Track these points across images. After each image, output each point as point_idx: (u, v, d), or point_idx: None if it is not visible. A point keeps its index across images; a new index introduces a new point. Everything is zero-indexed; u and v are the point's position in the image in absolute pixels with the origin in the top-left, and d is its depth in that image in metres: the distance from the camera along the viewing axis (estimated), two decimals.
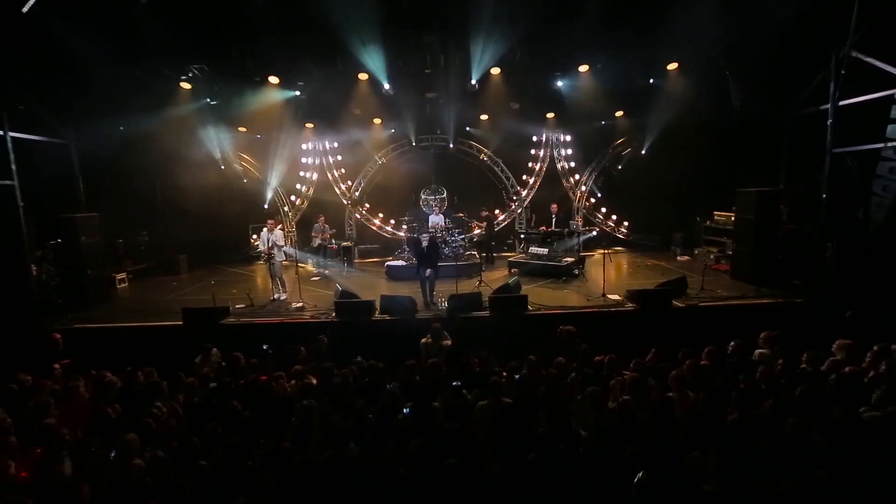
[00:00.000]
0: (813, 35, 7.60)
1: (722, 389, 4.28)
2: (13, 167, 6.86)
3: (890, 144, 6.02)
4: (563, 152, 12.60)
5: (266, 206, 12.33)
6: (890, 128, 6.13)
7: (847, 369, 4.60)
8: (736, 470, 3.00)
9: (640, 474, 3.05)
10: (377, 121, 11.73)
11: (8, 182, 6.80)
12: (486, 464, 3.39)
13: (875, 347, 5.04)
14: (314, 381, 4.83)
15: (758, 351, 5.20)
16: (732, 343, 5.28)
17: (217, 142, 11.29)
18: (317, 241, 10.93)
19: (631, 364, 5.00)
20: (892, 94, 6.13)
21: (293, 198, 12.74)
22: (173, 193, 11.85)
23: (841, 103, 6.95)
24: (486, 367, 5.22)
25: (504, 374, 4.87)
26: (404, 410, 4.11)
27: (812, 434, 3.52)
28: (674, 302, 7.02)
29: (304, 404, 4.19)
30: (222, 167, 12.03)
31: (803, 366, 5.02)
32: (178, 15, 7.11)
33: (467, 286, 8.18)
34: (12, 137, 7.46)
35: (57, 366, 5.36)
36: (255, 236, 12.83)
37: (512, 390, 4.58)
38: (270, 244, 8.00)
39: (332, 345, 5.92)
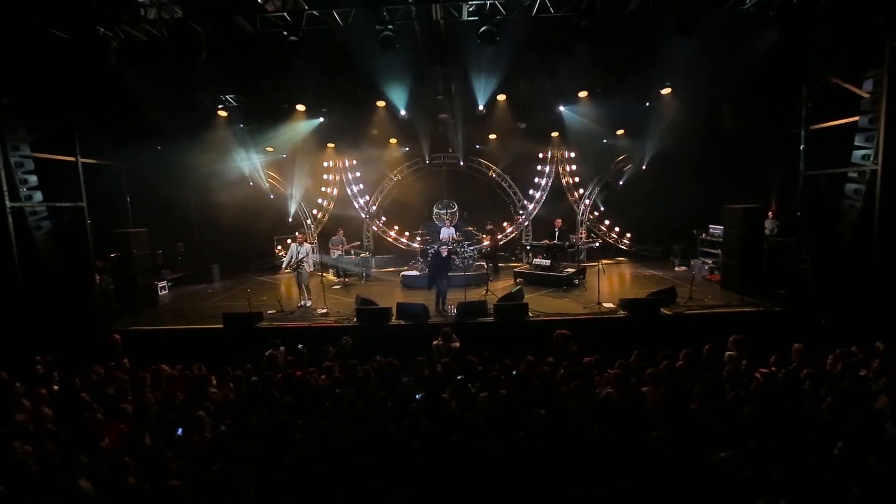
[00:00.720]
0: (796, 62, 8.26)
1: (688, 384, 4.99)
2: (83, 190, 7.92)
3: (853, 171, 6.66)
4: (567, 168, 13.38)
5: (291, 220, 13.34)
6: (855, 153, 6.79)
7: (804, 371, 5.27)
8: (682, 444, 3.74)
9: None
10: (393, 141, 12.70)
11: (79, 203, 7.86)
12: (483, 440, 4.17)
13: (837, 351, 5.72)
14: (341, 376, 5.67)
15: (727, 353, 5.87)
16: (707, 346, 5.96)
17: (247, 161, 12.37)
18: (336, 254, 11.87)
19: (616, 364, 5.73)
20: (857, 121, 6.77)
21: (315, 211, 13.74)
22: (206, 208, 12.97)
23: (813, 127, 7.60)
24: (487, 365, 5.99)
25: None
26: (416, 396, 4.92)
27: (761, 421, 4.22)
28: (662, 310, 7.70)
29: (336, 393, 5.03)
30: (251, 184, 13.10)
31: (772, 367, 5.70)
32: (221, 56, 8.16)
33: (475, 294, 8.96)
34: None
35: (125, 360, 6.30)
36: (279, 247, 13.91)
37: (510, 384, 5.35)
38: (300, 256, 8.90)
39: (354, 345, 6.76)
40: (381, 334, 7.50)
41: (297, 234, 9.55)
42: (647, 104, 10.71)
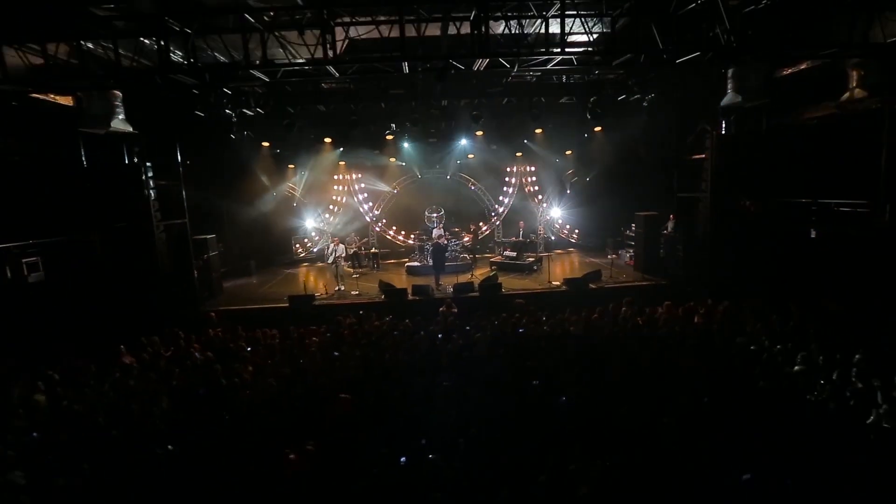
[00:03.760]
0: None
1: (594, 325, 8.73)
2: (186, 210, 10.89)
3: (701, 195, 10.63)
4: (529, 179, 17.05)
5: (308, 224, 16.42)
6: (702, 183, 10.74)
7: (662, 314, 9.11)
8: (586, 350, 7.43)
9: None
10: (392, 159, 15.97)
11: (183, 220, 10.84)
12: (479, 355, 7.72)
13: (686, 304, 9.62)
14: (389, 329, 9.08)
15: (623, 309, 9.66)
16: (611, 305, 9.72)
17: (273, 177, 15.37)
18: (352, 250, 15.12)
19: (556, 317, 9.40)
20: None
21: (327, 215, 16.86)
22: (238, 214, 15.90)
23: (685, 159, 11.54)
24: (478, 321, 9.54)
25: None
26: (438, 336, 8.44)
27: (632, 346, 7.95)
28: (590, 285, 11.49)
29: (394, 335, 8.47)
30: (274, 194, 16.11)
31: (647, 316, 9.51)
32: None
33: (464, 278, 12.49)
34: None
35: (240, 327, 9.47)
36: (297, 246, 17.03)
37: (493, 329, 8.92)
38: (337, 254, 12.17)
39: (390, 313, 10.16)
40: (402, 306, 10.90)
41: (331, 237, 12.76)
42: (586, 135, 14.47)
